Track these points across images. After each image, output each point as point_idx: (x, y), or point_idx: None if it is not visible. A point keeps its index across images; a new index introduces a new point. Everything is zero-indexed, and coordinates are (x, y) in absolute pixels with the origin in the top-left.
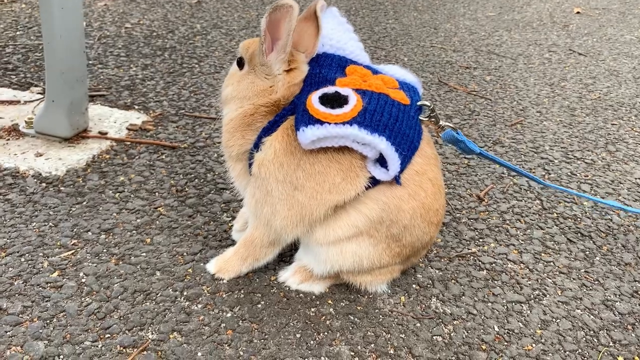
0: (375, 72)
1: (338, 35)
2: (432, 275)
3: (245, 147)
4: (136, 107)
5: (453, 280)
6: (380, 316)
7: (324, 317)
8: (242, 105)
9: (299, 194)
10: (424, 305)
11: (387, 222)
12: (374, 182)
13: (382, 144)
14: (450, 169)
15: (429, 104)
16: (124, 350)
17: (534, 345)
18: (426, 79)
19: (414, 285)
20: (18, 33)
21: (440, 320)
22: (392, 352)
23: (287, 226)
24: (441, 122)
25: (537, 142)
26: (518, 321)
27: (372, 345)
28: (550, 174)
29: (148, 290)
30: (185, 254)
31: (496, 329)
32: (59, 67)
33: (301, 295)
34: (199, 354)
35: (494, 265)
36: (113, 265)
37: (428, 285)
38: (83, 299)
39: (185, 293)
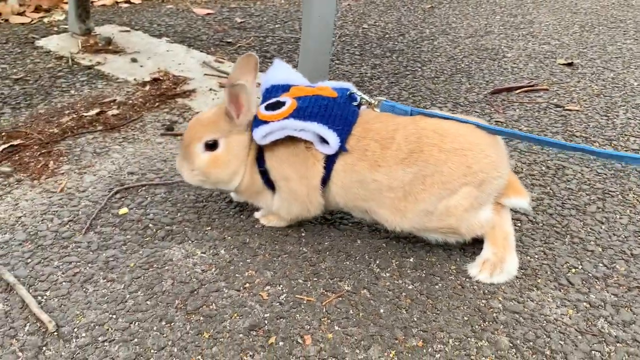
0: (313, 87)
1: (284, 76)
2: (606, 298)
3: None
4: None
5: (626, 308)
6: (545, 322)
7: (491, 310)
8: (243, 166)
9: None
10: (590, 323)
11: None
12: None
13: (313, 127)
14: None
15: (354, 91)
16: (325, 292)
17: None
18: None
19: (584, 303)
20: (276, 26)
21: (604, 339)
22: (548, 353)
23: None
24: (371, 100)
25: None
26: None
27: (531, 342)
28: None
29: (349, 252)
30: (383, 231)
31: None
32: (309, 65)
33: (475, 287)
34: (381, 310)
35: None
36: (327, 228)
37: (599, 306)
38: (301, 247)
39: (377, 261)
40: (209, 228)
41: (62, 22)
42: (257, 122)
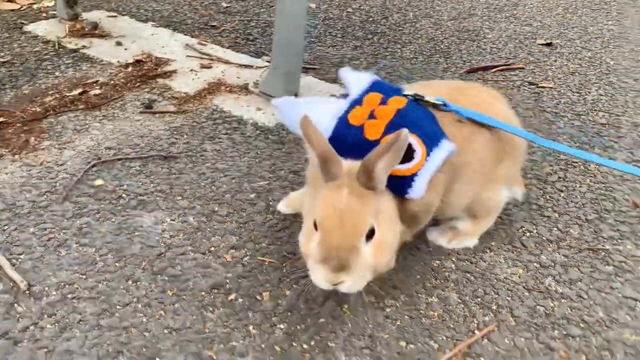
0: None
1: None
2: (556, 259)
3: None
4: (340, 82)
5: (575, 268)
6: (495, 280)
7: (444, 269)
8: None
9: None
10: (538, 281)
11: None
12: None
13: (449, 146)
14: (615, 174)
15: (412, 94)
16: (287, 255)
17: (634, 336)
18: (627, 85)
19: (535, 264)
20: (262, 10)
21: (549, 295)
22: (494, 308)
23: None
24: (427, 99)
25: None
26: (627, 314)
27: (479, 299)
28: None
29: None
30: None
31: (601, 314)
32: (284, 43)
33: (430, 249)
34: None
35: (623, 264)
36: None
37: (549, 266)
38: (267, 215)
39: None
40: (180, 198)
41: (51, 8)
42: (397, 181)
